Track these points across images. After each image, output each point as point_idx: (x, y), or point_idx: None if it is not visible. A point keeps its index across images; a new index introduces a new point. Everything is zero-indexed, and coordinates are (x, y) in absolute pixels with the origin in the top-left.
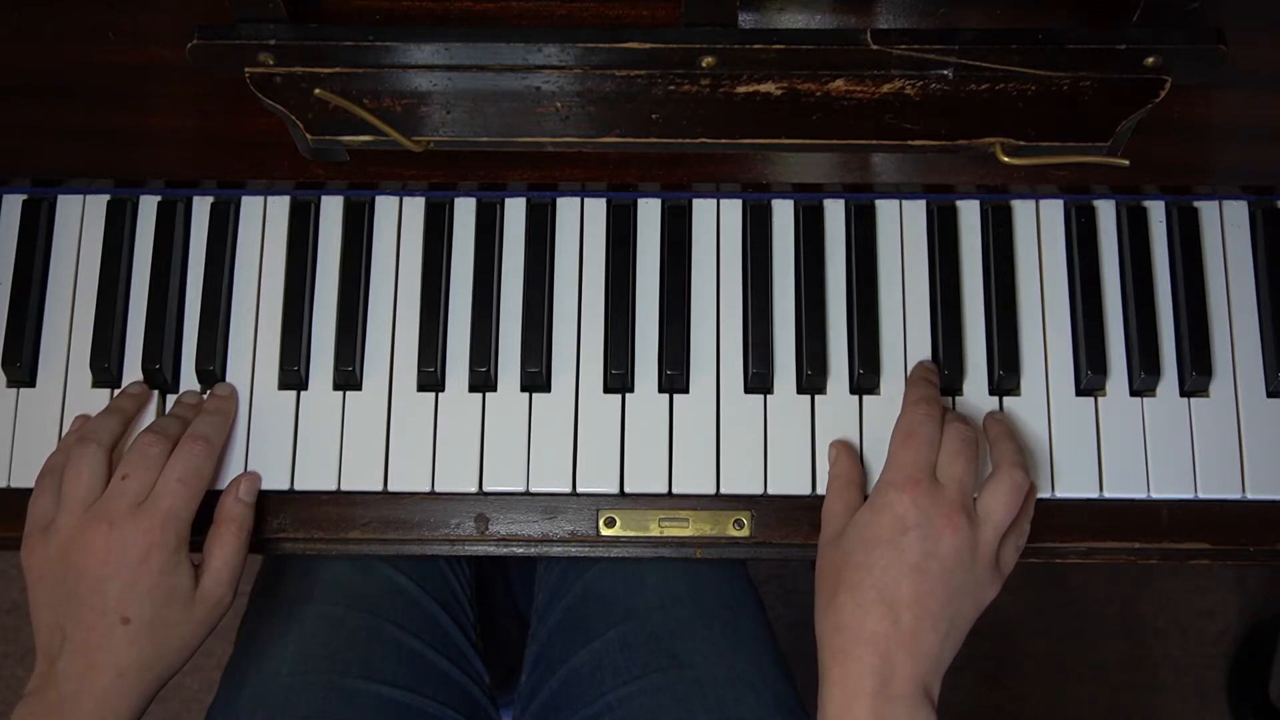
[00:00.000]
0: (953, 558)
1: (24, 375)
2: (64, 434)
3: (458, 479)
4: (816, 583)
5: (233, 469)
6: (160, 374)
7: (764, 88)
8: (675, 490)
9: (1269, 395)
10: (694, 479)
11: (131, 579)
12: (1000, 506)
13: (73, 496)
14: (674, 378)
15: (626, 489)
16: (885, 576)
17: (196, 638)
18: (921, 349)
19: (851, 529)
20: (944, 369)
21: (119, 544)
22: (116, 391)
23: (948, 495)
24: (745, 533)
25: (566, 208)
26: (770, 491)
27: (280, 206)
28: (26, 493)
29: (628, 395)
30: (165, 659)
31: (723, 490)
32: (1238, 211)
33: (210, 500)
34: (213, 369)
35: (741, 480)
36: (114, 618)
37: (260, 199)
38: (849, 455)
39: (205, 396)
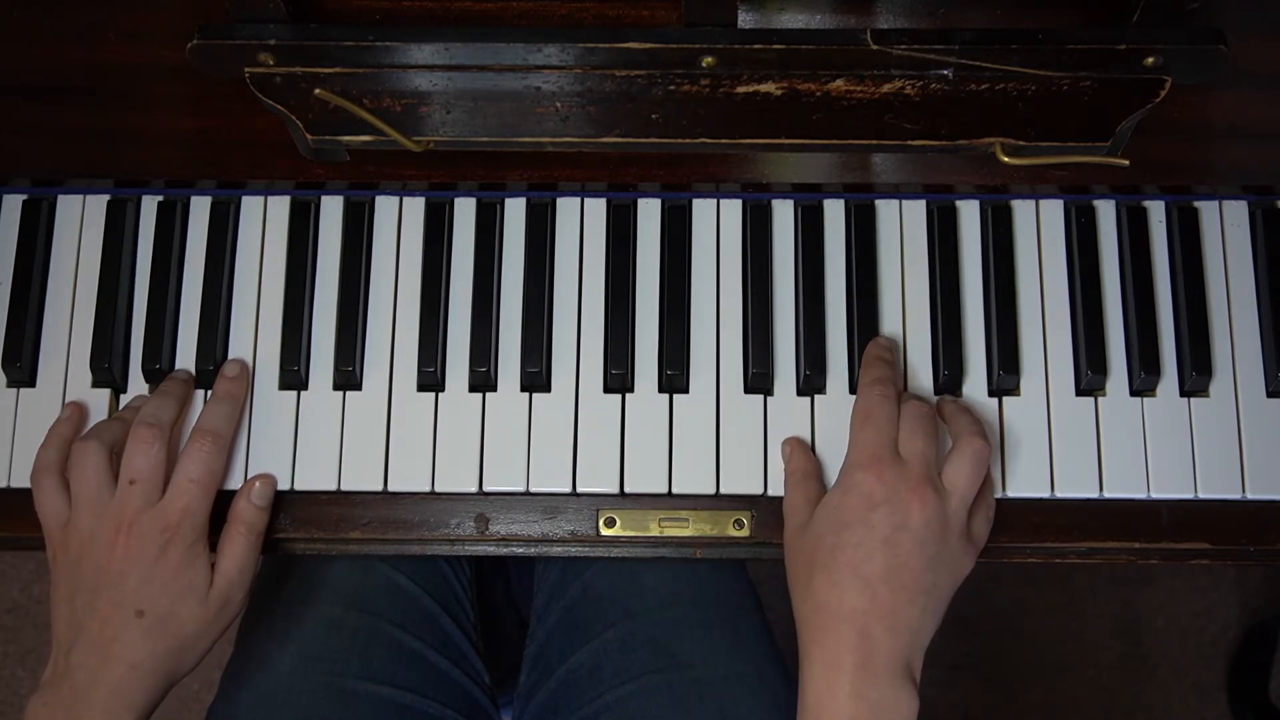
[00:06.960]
0: (923, 530)
1: (24, 375)
2: (54, 423)
3: (458, 479)
4: (789, 573)
5: (233, 468)
6: (161, 374)
7: (764, 88)
8: (675, 490)
9: (1269, 395)
10: (694, 479)
11: (148, 573)
12: (964, 477)
13: (84, 497)
14: (674, 378)
15: (626, 489)
16: (858, 554)
17: (209, 638)
18: (921, 349)
19: (820, 513)
20: (944, 369)
21: (138, 541)
22: (118, 394)
23: (912, 469)
24: (745, 533)
25: (566, 208)
26: (770, 492)
27: (280, 206)
28: (27, 492)
29: (628, 395)
30: (178, 655)
31: (723, 490)
32: (1238, 211)
33: (223, 495)
34: (213, 369)
35: (741, 480)
36: (129, 611)
37: (260, 199)
38: (803, 450)
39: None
